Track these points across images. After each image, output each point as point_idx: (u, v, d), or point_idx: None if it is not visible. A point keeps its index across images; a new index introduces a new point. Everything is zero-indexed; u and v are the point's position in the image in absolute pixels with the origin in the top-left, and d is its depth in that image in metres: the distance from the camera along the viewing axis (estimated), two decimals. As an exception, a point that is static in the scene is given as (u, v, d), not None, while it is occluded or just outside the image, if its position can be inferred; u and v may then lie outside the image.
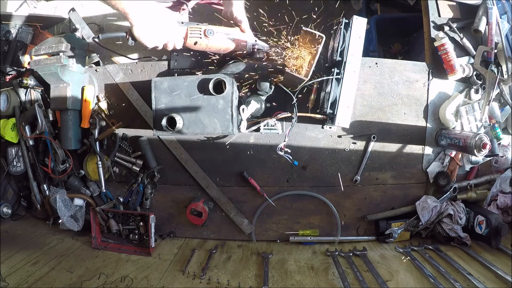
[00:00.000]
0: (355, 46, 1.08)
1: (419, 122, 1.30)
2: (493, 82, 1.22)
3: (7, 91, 1.43)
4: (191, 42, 1.11)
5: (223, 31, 1.14)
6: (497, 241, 1.17)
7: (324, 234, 1.34)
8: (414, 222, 1.29)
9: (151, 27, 1.01)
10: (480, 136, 1.12)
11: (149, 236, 1.26)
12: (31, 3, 2.14)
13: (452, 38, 1.28)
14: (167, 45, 1.08)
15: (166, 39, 1.06)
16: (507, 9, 1.30)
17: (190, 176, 1.33)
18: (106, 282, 1.07)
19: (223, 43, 1.15)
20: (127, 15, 0.96)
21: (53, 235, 1.38)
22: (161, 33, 1.04)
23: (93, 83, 1.36)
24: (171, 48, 1.10)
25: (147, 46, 1.04)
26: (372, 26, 1.84)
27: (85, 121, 1.33)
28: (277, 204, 1.32)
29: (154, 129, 1.17)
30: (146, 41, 1.02)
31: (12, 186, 1.51)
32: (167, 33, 1.05)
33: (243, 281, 1.08)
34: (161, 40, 1.05)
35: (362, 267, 1.14)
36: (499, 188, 1.29)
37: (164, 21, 1.04)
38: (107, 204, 1.36)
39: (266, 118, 1.21)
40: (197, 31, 1.10)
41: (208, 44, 1.12)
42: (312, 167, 1.30)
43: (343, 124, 1.12)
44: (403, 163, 1.31)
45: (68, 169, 1.36)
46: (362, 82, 1.25)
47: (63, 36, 1.27)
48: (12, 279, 1.06)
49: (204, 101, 1.12)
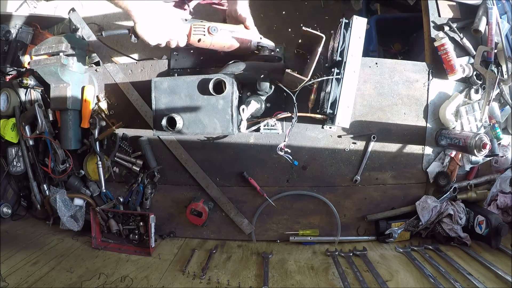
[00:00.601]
0: (355, 46, 1.08)
1: (419, 122, 1.30)
2: (493, 82, 1.22)
3: (7, 91, 1.43)
4: (194, 39, 1.10)
5: (227, 29, 1.13)
6: (497, 241, 1.17)
7: (324, 234, 1.34)
8: (414, 222, 1.29)
9: (154, 25, 1.00)
10: (480, 136, 1.12)
11: (149, 236, 1.26)
12: (31, 3, 2.14)
13: (452, 38, 1.28)
14: (170, 43, 1.08)
15: (169, 37, 1.05)
16: (507, 9, 1.30)
17: (190, 176, 1.33)
18: (106, 282, 1.07)
19: (227, 41, 1.14)
20: (130, 12, 0.96)
21: (53, 235, 1.38)
22: (164, 31, 1.03)
23: (93, 83, 1.36)
24: (174, 46, 1.09)
25: (150, 43, 1.03)
26: (372, 26, 1.84)
27: (85, 121, 1.33)
28: (277, 204, 1.32)
29: (154, 129, 1.17)
30: (149, 39, 1.01)
31: (12, 186, 1.51)
32: (170, 31, 1.04)
33: (243, 281, 1.08)
34: (164, 38, 1.04)
35: (362, 267, 1.14)
36: (499, 188, 1.29)
37: (167, 18, 1.03)
38: (107, 204, 1.36)
39: (266, 118, 1.21)
40: (200, 28, 1.09)
41: (212, 42, 1.12)
42: (312, 167, 1.30)
43: (343, 124, 1.12)
44: (403, 163, 1.31)
45: (68, 169, 1.36)
46: (362, 82, 1.25)
47: (63, 36, 1.27)
48: (12, 279, 1.06)
49: (204, 101, 1.12)
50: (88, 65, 1.42)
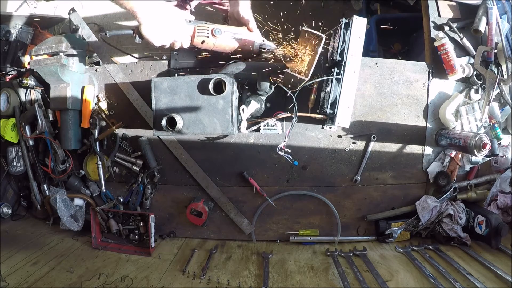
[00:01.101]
0: (355, 46, 1.08)
1: (419, 122, 1.30)
2: (493, 82, 1.22)
3: (7, 91, 1.43)
4: (198, 41, 1.11)
5: (230, 31, 1.14)
6: (497, 241, 1.17)
7: (324, 234, 1.34)
8: (414, 222, 1.29)
9: (159, 26, 1.00)
10: (480, 136, 1.12)
11: (149, 236, 1.26)
12: (31, 3, 2.14)
13: (452, 38, 1.28)
14: (174, 44, 1.08)
15: (174, 38, 1.05)
16: (507, 9, 1.30)
17: (190, 176, 1.33)
18: (106, 282, 1.07)
19: (230, 43, 1.14)
20: (135, 13, 0.96)
21: (53, 235, 1.38)
22: (169, 32, 1.03)
23: (93, 83, 1.36)
24: (178, 47, 1.10)
25: (155, 44, 1.03)
26: (372, 26, 1.84)
27: (85, 121, 1.33)
28: (277, 204, 1.32)
29: (154, 129, 1.17)
30: (154, 40, 1.01)
31: (12, 186, 1.51)
32: (175, 32, 1.04)
33: (243, 281, 1.08)
34: (169, 39, 1.04)
35: (362, 267, 1.14)
36: (499, 188, 1.29)
37: (172, 20, 1.03)
38: (107, 204, 1.36)
39: (266, 118, 1.21)
40: (204, 30, 1.10)
41: (216, 43, 1.12)
42: (312, 167, 1.30)
43: (343, 124, 1.12)
44: (403, 163, 1.31)
45: (68, 169, 1.36)
46: (362, 82, 1.25)
47: (63, 36, 1.27)
48: (12, 279, 1.06)
49: (204, 101, 1.12)
50: (88, 65, 1.42)
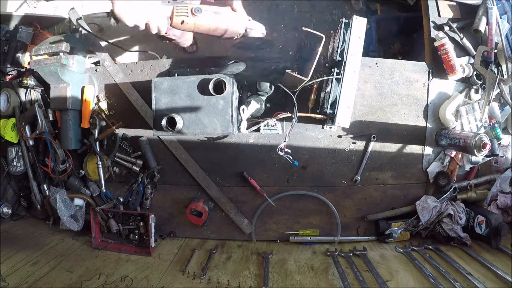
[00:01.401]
0: (355, 46, 1.08)
1: (419, 122, 1.30)
2: (493, 82, 1.22)
3: (7, 91, 1.43)
4: (177, 21, 1.06)
5: (211, 10, 1.09)
6: (497, 241, 1.17)
7: (324, 234, 1.34)
8: (414, 222, 1.29)
9: (131, 4, 0.96)
10: (480, 136, 1.12)
11: (149, 236, 1.26)
12: (31, 3, 2.14)
13: (452, 38, 1.28)
14: (150, 25, 1.03)
15: (148, 17, 1.01)
16: (507, 9, 1.30)
17: (190, 176, 1.33)
18: (106, 282, 1.07)
19: (212, 22, 1.09)
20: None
21: (53, 235, 1.38)
22: (143, 11, 0.99)
23: (93, 83, 1.36)
24: (156, 31, 1.05)
25: (128, 24, 0.99)
26: (372, 26, 1.84)
27: (85, 121, 1.33)
28: (277, 204, 1.32)
29: (154, 129, 1.17)
30: (126, 19, 0.98)
31: (12, 186, 1.51)
32: (149, 11, 1.00)
33: (243, 281, 1.08)
34: (142, 19, 1.00)
35: (362, 267, 1.14)
36: (499, 188, 1.29)
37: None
38: (107, 204, 1.36)
39: (266, 118, 1.21)
40: (183, 10, 1.06)
41: (196, 23, 1.07)
42: (312, 167, 1.30)
43: (343, 124, 1.12)
44: (403, 163, 1.31)
45: (68, 169, 1.36)
46: (362, 82, 1.25)
47: (63, 36, 1.27)
48: (12, 279, 1.06)
49: (204, 101, 1.12)
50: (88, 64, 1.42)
